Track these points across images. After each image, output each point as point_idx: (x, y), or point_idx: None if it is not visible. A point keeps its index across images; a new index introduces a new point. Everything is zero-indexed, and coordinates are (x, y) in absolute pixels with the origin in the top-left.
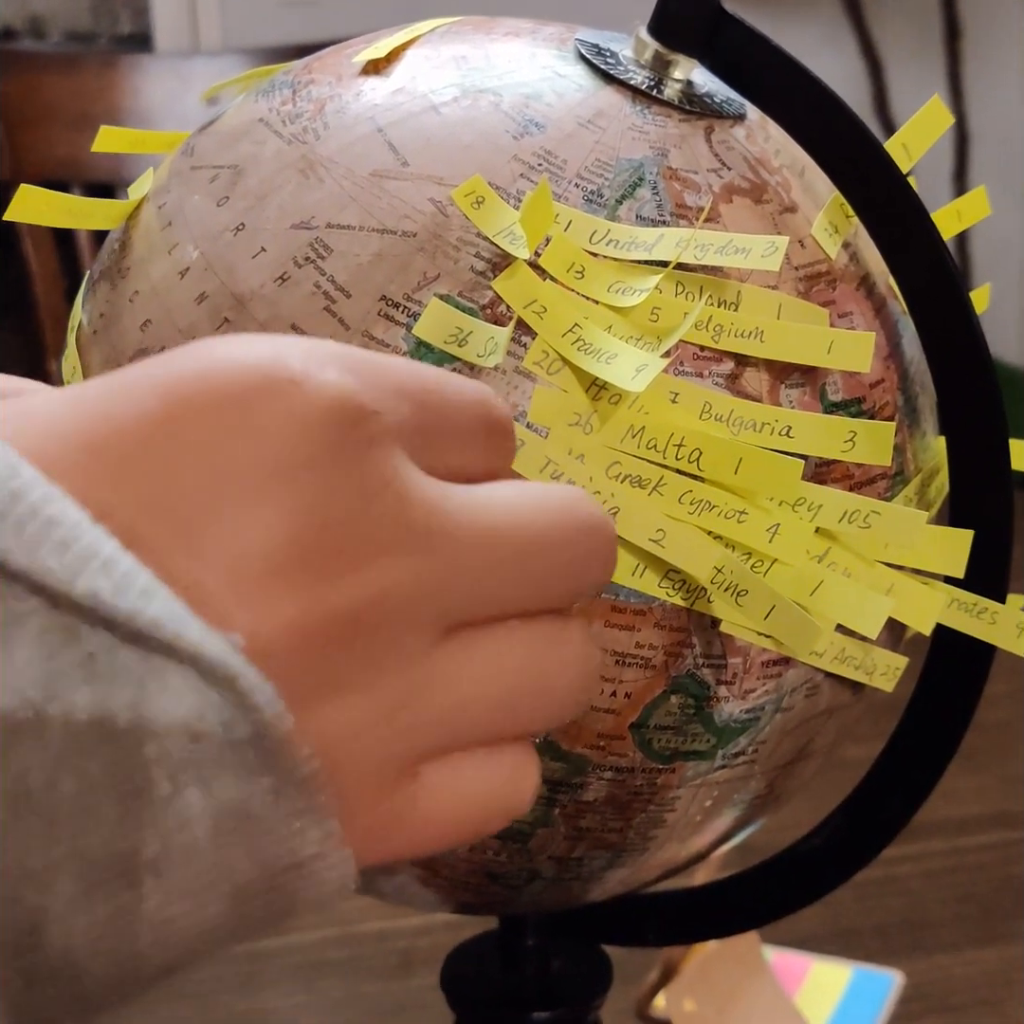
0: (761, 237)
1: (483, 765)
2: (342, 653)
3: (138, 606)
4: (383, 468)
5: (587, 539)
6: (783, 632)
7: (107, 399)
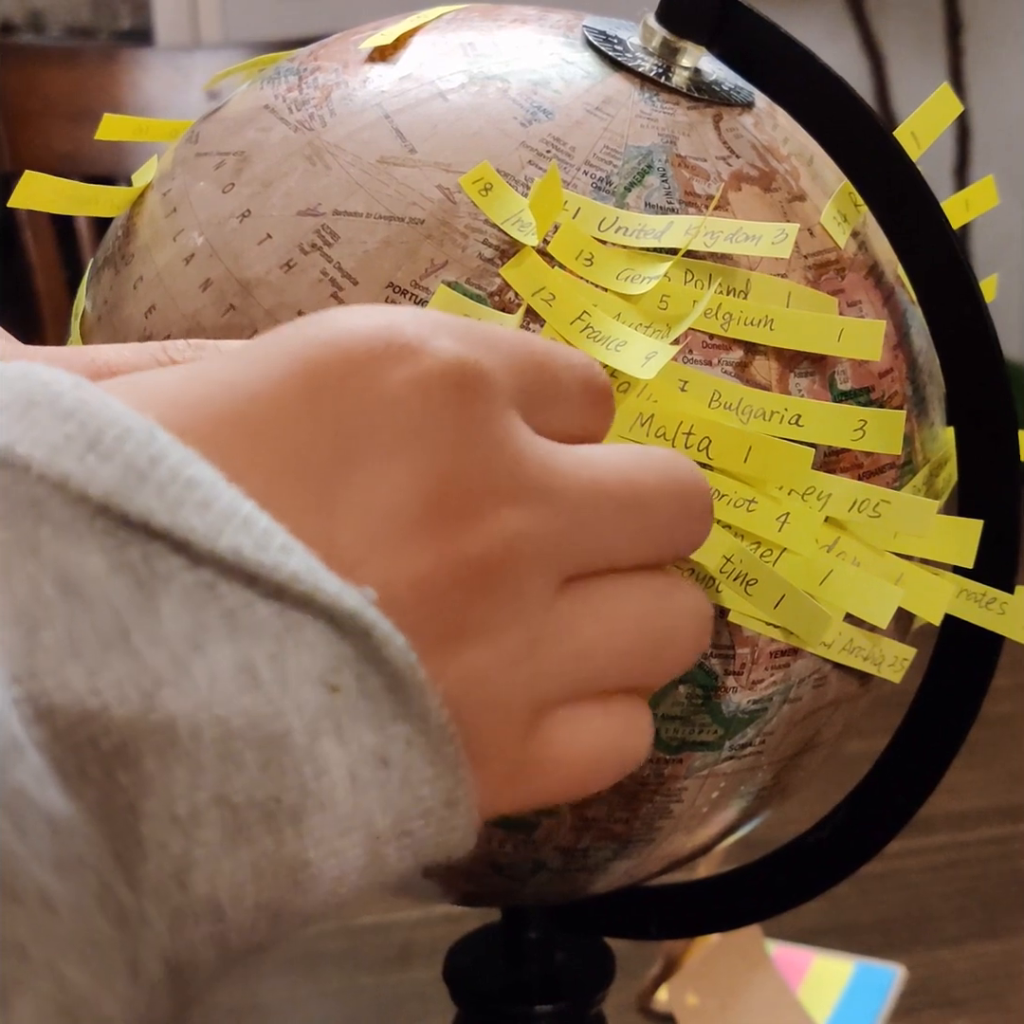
0: (771, 224)
1: (602, 716)
2: (470, 603)
3: (279, 561)
4: (499, 427)
5: (687, 497)
6: (793, 622)
7: (237, 370)
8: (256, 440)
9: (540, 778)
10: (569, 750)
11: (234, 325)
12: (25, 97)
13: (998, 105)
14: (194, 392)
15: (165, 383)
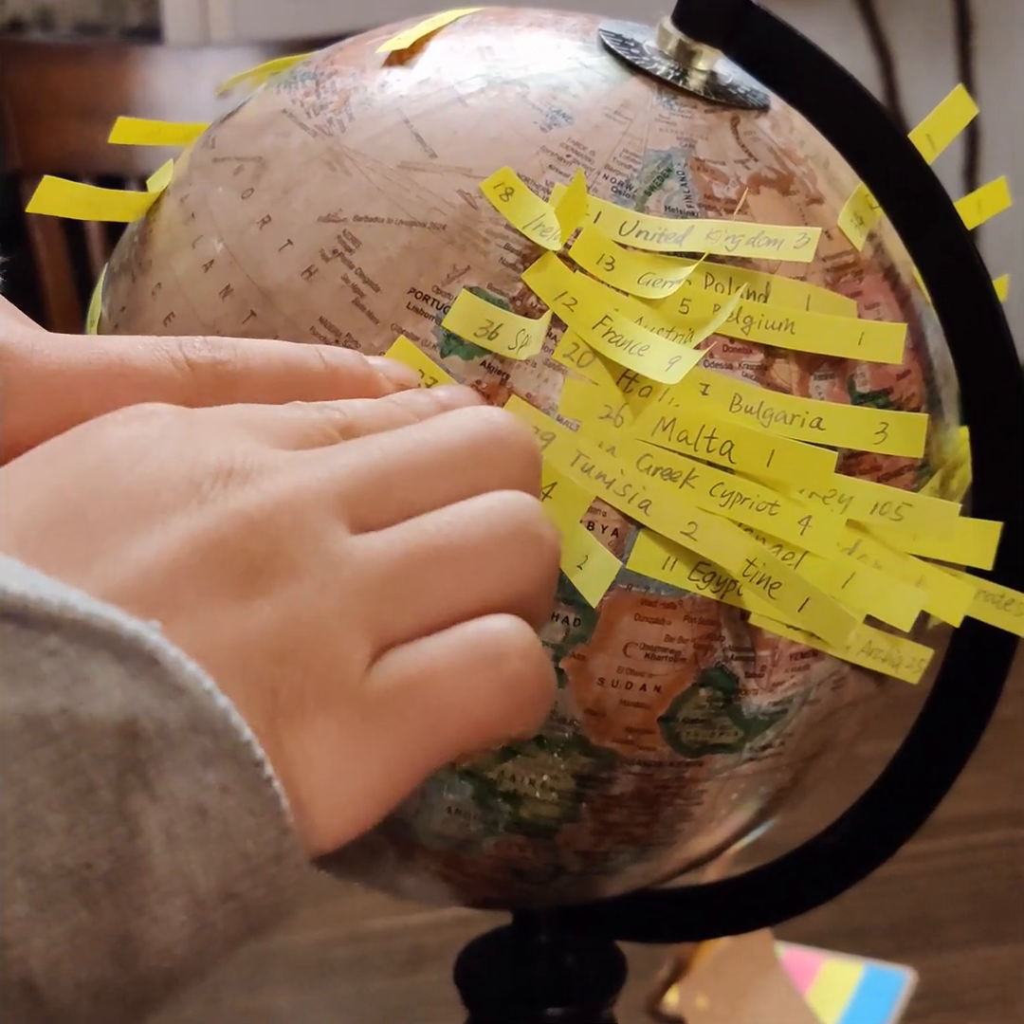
0: (793, 228)
1: (454, 637)
2: (247, 561)
3: (46, 594)
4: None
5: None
6: (817, 625)
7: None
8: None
9: (397, 717)
10: (415, 677)
11: (255, 333)
12: (35, 95)
13: (1008, 106)
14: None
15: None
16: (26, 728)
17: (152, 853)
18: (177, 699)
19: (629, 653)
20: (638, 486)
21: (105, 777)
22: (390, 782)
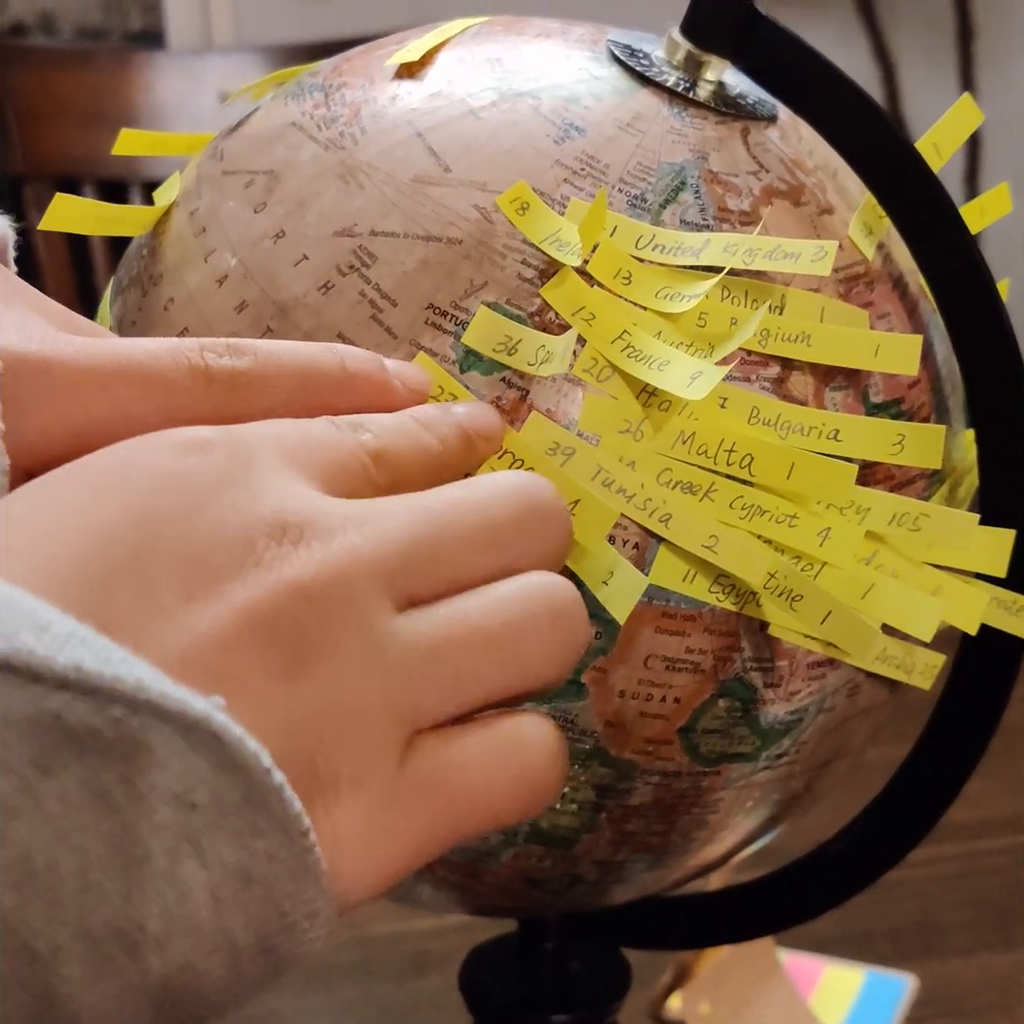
0: (810, 242)
1: (481, 730)
2: (302, 635)
3: (121, 671)
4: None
5: (530, 500)
6: (840, 637)
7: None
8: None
9: (425, 805)
10: (448, 770)
11: None
12: (37, 100)
13: (1009, 112)
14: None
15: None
16: (91, 799)
17: (200, 915)
18: (236, 775)
19: (649, 665)
20: (658, 500)
21: (161, 845)
22: (408, 859)
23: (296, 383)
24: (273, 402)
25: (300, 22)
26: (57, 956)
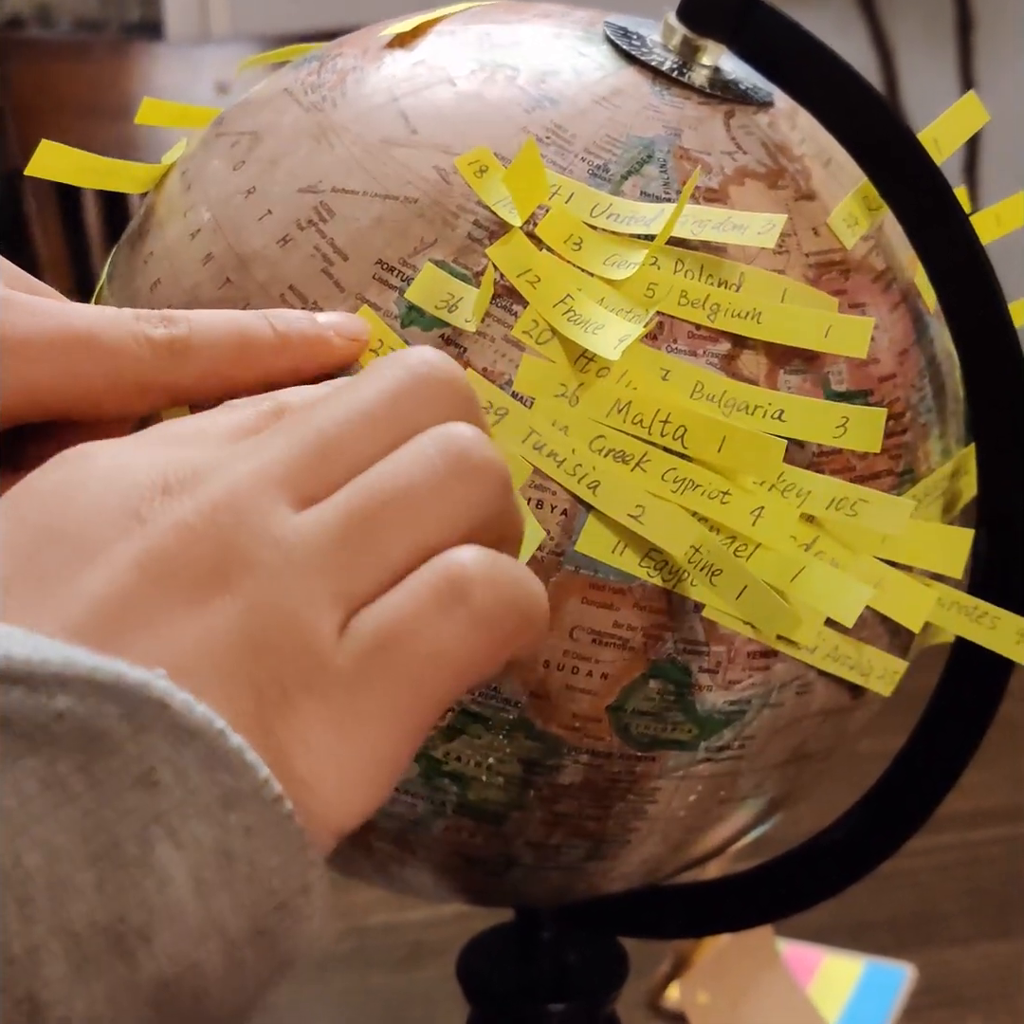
0: (760, 215)
1: (408, 580)
2: (194, 575)
3: (54, 653)
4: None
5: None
6: (754, 613)
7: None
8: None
9: (382, 677)
10: (388, 630)
11: (228, 299)
12: (35, 92)
13: (1008, 102)
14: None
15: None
16: (46, 789)
17: (183, 901)
18: (191, 744)
19: (575, 637)
20: (588, 466)
21: (129, 831)
22: (392, 745)
23: (232, 346)
24: (213, 366)
25: (298, 12)
26: (36, 957)
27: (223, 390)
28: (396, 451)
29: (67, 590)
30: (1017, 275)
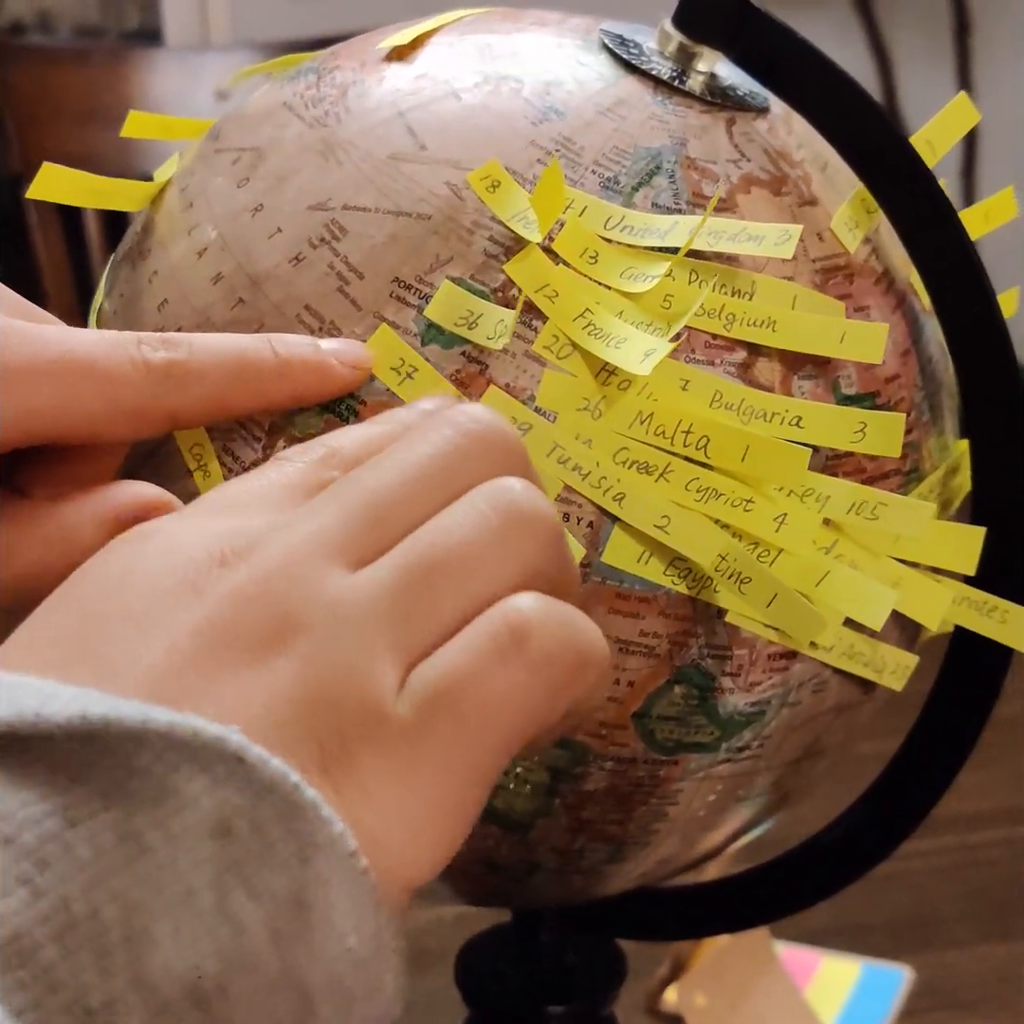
0: (775, 225)
1: (466, 630)
2: (252, 635)
3: (132, 711)
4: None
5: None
6: (785, 621)
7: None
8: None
9: (441, 730)
10: (445, 683)
11: (242, 319)
12: (35, 98)
13: (1006, 107)
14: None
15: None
16: (121, 843)
17: (258, 950)
18: (267, 798)
19: None
20: (613, 479)
21: (203, 880)
22: (458, 795)
23: (232, 371)
24: (211, 391)
25: (297, 19)
26: (114, 1009)
27: (223, 414)
28: (448, 507)
29: (127, 663)
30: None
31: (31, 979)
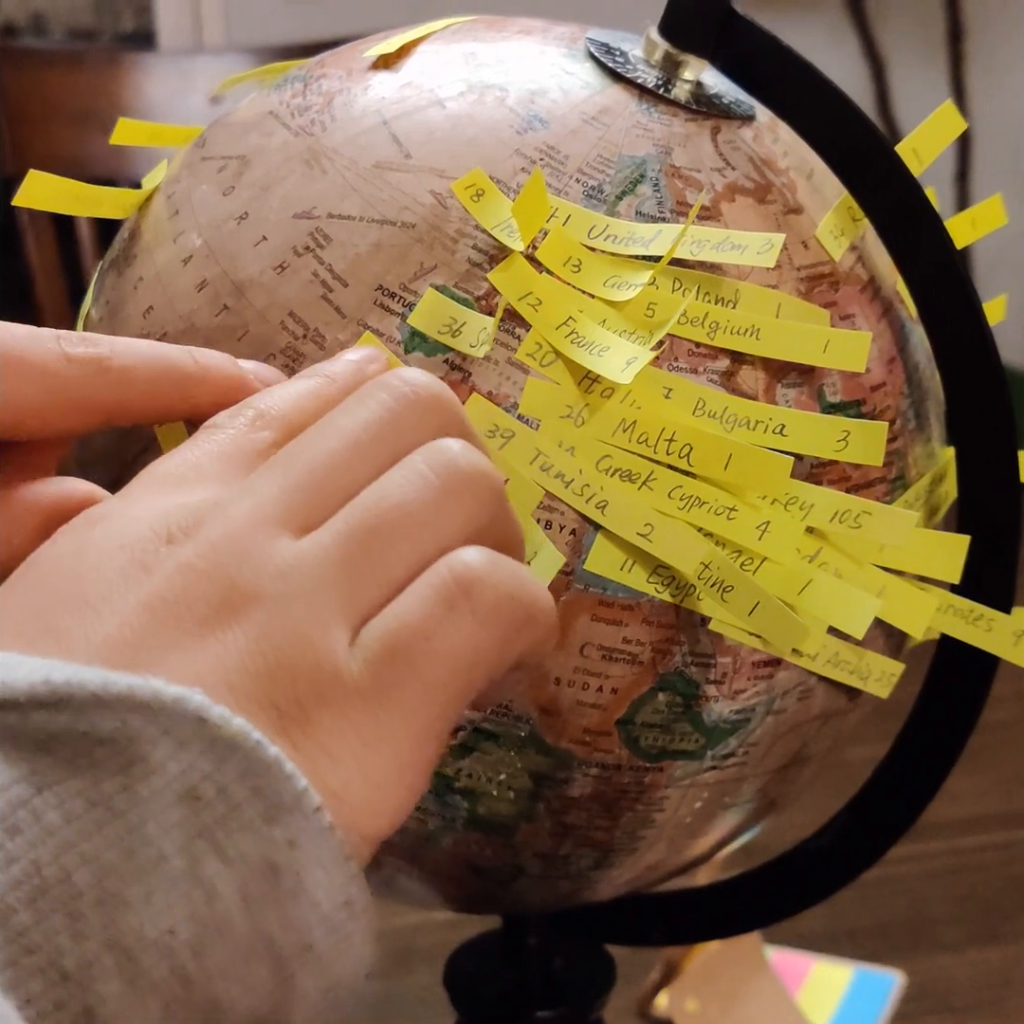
0: (758, 234)
1: (415, 584)
2: (198, 612)
3: (92, 676)
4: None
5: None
6: (767, 629)
7: None
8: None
9: (398, 681)
10: (398, 634)
11: (227, 326)
12: (28, 100)
13: (1000, 111)
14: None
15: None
16: (91, 807)
17: (231, 915)
18: (230, 758)
19: (586, 654)
20: (596, 486)
21: (174, 845)
22: (415, 747)
23: (158, 370)
24: (143, 387)
25: (291, 23)
26: (90, 972)
27: (156, 412)
28: (388, 471)
29: (79, 639)
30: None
31: (4, 942)
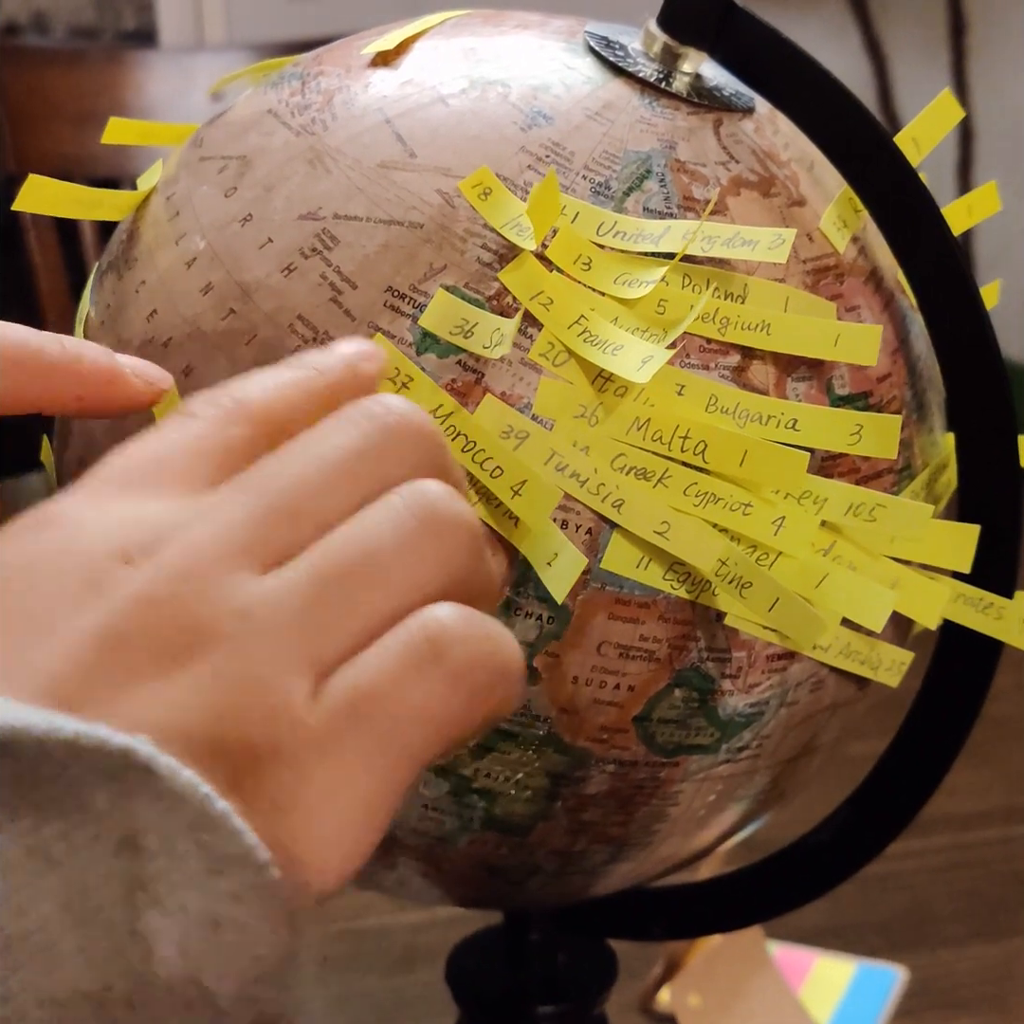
0: (768, 229)
1: (383, 640)
2: (167, 652)
3: (38, 719)
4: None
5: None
6: (787, 625)
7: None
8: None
9: (355, 737)
10: (361, 690)
11: (234, 329)
12: (29, 99)
13: (1002, 106)
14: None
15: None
16: (28, 857)
17: (169, 969)
18: (177, 810)
19: (603, 652)
20: (611, 485)
21: (113, 896)
22: (368, 805)
23: (9, 357)
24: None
25: (292, 20)
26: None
27: (12, 398)
28: (364, 509)
29: (22, 668)
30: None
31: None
